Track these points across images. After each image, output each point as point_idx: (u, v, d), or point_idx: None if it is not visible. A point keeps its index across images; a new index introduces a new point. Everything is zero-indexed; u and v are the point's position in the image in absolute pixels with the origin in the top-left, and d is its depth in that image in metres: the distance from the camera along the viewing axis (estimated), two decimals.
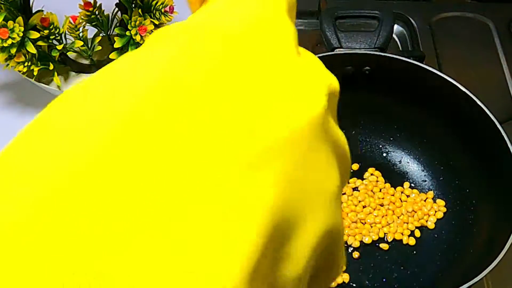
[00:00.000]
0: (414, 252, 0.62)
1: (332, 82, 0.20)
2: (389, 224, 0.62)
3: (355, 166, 0.66)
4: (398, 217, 0.63)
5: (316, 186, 0.18)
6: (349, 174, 0.22)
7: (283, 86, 0.18)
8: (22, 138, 0.18)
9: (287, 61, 0.18)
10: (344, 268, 0.17)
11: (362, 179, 0.66)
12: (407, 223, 0.63)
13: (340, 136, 0.20)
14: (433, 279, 0.59)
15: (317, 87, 0.18)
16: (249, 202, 0.16)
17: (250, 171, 0.16)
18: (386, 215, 0.63)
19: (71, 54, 0.68)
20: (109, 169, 0.15)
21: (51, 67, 0.63)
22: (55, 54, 0.63)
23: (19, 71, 0.62)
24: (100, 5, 0.66)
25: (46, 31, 0.62)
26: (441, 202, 0.64)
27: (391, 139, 0.68)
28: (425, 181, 0.66)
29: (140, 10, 0.62)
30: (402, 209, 0.64)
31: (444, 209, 0.63)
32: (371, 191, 0.65)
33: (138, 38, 0.62)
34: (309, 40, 0.78)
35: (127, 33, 0.63)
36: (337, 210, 0.19)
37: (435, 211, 0.63)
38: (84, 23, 0.65)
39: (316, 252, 0.18)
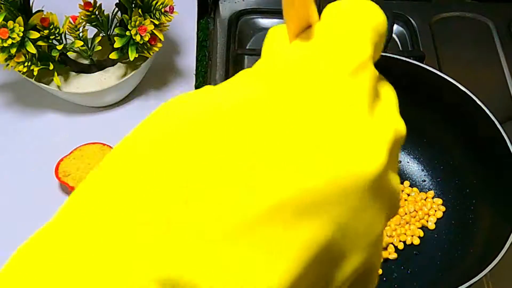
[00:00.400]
0: (414, 252, 0.62)
1: (399, 128, 0.21)
2: (393, 225, 0.62)
3: None
4: (401, 217, 0.63)
5: (361, 232, 0.19)
6: (395, 213, 0.22)
7: (347, 136, 0.18)
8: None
9: (357, 112, 0.19)
10: None
11: None
12: (409, 223, 0.63)
13: (395, 186, 0.21)
14: (433, 279, 0.59)
15: (381, 141, 0.19)
16: (294, 242, 0.17)
17: (300, 215, 0.17)
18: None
19: (71, 54, 0.68)
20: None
21: (51, 67, 0.63)
22: (55, 54, 0.63)
23: (19, 71, 0.62)
24: (100, 5, 0.66)
25: (46, 31, 0.62)
26: (439, 201, 0.64)
27: None
28: (425, 180, 0.66)
29: (140, 10, 0.62)
30: (405, 209, 0.64)
31: (443, 208, 0.63)
32: None
33: (138, 38, 0.62)
34: None
35: (127, 33, 0.63)
36: (377, 249, 0.21)
37: (435, 211, 0.63)
38: (84, 23, 0.65)
39: (351, 280, 0.20)
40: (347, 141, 0.18)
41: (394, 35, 0.82)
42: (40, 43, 0.62)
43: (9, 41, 0.58)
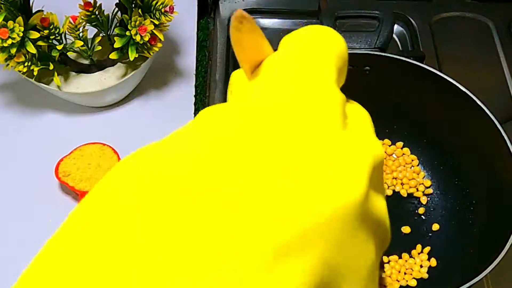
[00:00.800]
0: (420, 252, 0.62)
1: (377, 152, 0.20)
2: None
3: None
4: None
5: (351, 265, 0.18)
6: (388, 243, 0.21)
7: (322, 167, 0.17)
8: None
9: (329, 139, 0.18)
10: None
11: None
12: None
13: (381, 211, 0.20)
14: (434, 279, 0.59)
15: (359, 167, 0.18)
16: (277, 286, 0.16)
17: (283, 257, 0.16)
18: None
19: (71, 54, 0.68)
20: None
21: (51, 67, 0.63)
22: (55, 54, 0.63)
23: (19, 71, 0.62)
24: (100, 5, 0.66)
25: (46, 31, 0.62)
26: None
27: (391, 139, 0.68)
28: (425, 180, 0.66)
29: (140, 10, 0.62)
30: None
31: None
32: None
33: (138, 38, 0.62)
34: None
35: (127, 33, 0.63)
36: (372, 282, 0.20)
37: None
38: (84, 23, 0.65)
39: None
40: (323, 173, 0.17)
41: (394, 35, 0.82)
42: (40, 43, 0.62)
43: (9, 41, 0.58)
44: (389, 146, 0.68)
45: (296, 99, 0.18)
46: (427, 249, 0.61)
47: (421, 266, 0.60)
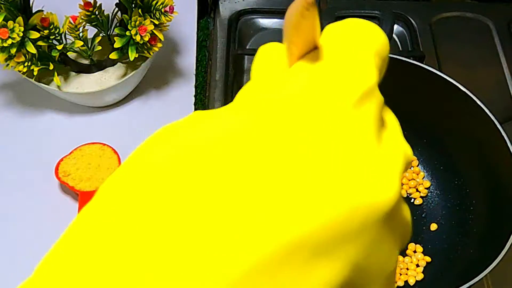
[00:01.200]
0: (415, 252, 0.62)
1: (407, 154, 0.20)
2: None
3: None
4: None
5: (378, 268, 0.18)
6: (407, 242, 0.21)
7: (359, 167, 0.17)
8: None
9: (367, 140, 0.18)
10: None
11: None
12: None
13: (406, 214, 0.20)
14: (433, 279, 0.59)
15: (393, 169, 0.18)
16: (310, 284, 0.16)
17: (317, 254, 0.16)
18: None
19: (71, 54, 0.68)
20: None
21: (51, 67, 0.63)
22: (55, 54, 0.63)
23: (19, 71, 0.62)
24: (100, 5, 0.66)
25: (46, 31, 0.62)
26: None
27: None
28: (425, 181, 0.66)
29: (140, 10, 0.62)
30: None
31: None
32: None
33: (138, 38, 0.62)
34: None
35: (127, 33, 0.63)
36: (391, 282, 0.20)
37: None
38: (84, 23, 0.65)
39: None
40: (360, 172, 0.17)
41: (394, 35, 0.82)
42: (40, 43, 0.62)
43: (9, 41, 0.58)
44: None
45: (338, 99, 0.18)
46: (426, 249, 0.61)
47: (417, 266, 0.60)
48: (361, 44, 0.20)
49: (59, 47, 0.63)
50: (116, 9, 0.67)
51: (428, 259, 0.60)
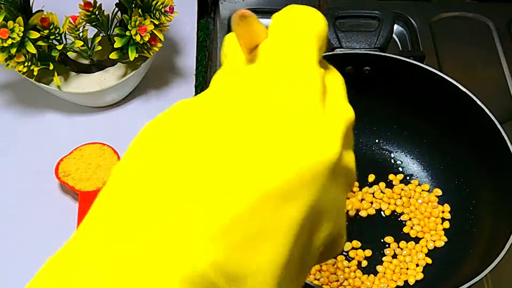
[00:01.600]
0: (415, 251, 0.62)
1: (349, 116, 0.25)
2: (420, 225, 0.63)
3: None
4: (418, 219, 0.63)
5: (329, 207, 0.23)
6: (353, 186, 0.27)
7: (305, 131, 0.22)
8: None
9: (311, 109, 0.22)
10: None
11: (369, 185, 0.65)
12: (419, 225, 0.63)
13: (350, 165, 0.25)
14: (433, 279, 0.59)
15: (334, 131, 0.23)
16: (280, 225, 0.21)
17: (281, 201, 0.21)
18: (419, 224, 0.63)
19: (71, 54, 0.68)
20: None
21: (51, 67, 0.63)
22: (55, 54, 0.63)
23: (19, 71, 0.62)
24: (100, 5, 0.66)
25: (46, 31, 0.62)
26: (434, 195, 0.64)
27: (391, 139, 0.68)
28: (425, 181, 0.66)
29: (140, 10, 0.62)
30: (422, 209, 0.64)
31: (448, 208, 0.63)
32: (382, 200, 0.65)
33: (138, 38, 0.62)
34: None
35: (127, 33, 0.63)
36: (342, 218, 0.25)
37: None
38: (84, 23, 0.65)
39: (324, 245, 0.24)
40: (307, 135, 0.22)
41: (394, 35, 0.82)
42: (40, 43, 0.62)
43: (9, 41, 0.58)
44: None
45: (283, 77, 0.23)
46: (426, 249, 0.61)
47: (417, 265, 0.60)
48: (302, 29, 0.24)
49: (59, 47, 0.63)
50: (116, 9, 0.67)
51: (429, 260, 0.60)
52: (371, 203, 0.64)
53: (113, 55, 0.65)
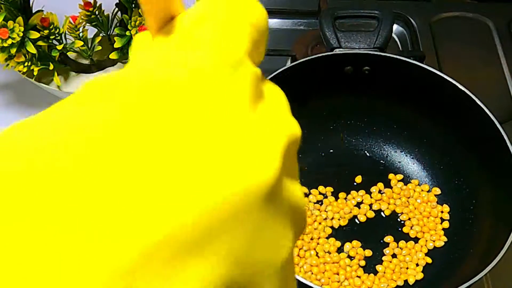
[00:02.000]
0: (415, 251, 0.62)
1: (292, 131, 0.17)
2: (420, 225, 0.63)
3: (358, 178, 0.66)
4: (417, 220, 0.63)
5: (266, 257, 0.16)
6: (303, 230, 0.19)
7: (225, 148, 0.15)
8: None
9: (235, 118, 0.15)
10: None
11: (369, 192, 0.65)
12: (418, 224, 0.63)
13: (296, 195, 0.17)
14: (433, 279, 0.59)
15: (271, 147, 0.16)
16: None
17: (182, 255, 0.13)
18: (419, 224, 0.63)
19: (71, 54, 0.68)
20: None
21: (51, 67, 0.63)
22: (55, 54, 0.63)
23: (19, 71, 0.62)
24: (100, 5, 0.66)
25: (46, 31, 0.62)
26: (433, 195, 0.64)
27: (391, 139, 0.68)
28: (425, 181, 0.66)
29: (140, 10, 0.62)
30: (421, 209, 0.64)
31: (448, 208, 0.63)
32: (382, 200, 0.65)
33: None
34: (308, 40, 0.78)
35: (127, 33, 0.63)
36: (289, 272, 0.17)
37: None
38: (84, 23, 0.65)
39: None
40: (228, 151, 0.15)
41: (394, 35, 0.82)
42: (40, 43, 0.62)
43: (9, 41, 0.58)
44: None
45: (199, 71, 0.16)
46: (426, 248, 0.61)
47: (417, 265, 0.60)
48: (232, 13, 0.18)
49: (59, 47, 0.63)
50: (116, 9, 0.67)
51: (429, 259, 0.60)
52: (370, 205, 0.64)
53: (113, 55, 0.65)
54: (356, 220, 0.63)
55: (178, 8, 0.18)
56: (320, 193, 0.65)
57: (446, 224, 0.62)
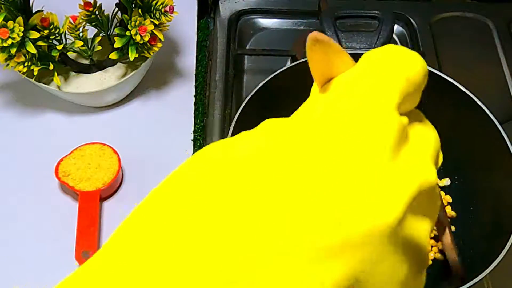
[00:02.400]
0: None
1: (426, 178, 0.21)
2: None
3: None
4: None
5: (384, 279, 0.20)
6: (426, 265, 0.23)
7: (364, 189, 0.19)
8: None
9: (377, 165, 0.19)
10: None
11: None
12: None
13: (420, 235, 0.21)
14: (433, 279, 0.59)
15: (399, 193, 0.19)
16: (327, 277, 0.18)
17: (318, 263, 0.18)
18: None
19: (71, 54, 0.68)
20: None
21: (51, 67, 0.63)
22: (55, 54, 0.63)
23: (19, 71, 0.62)
24: (100, 5, 0.66)
25: (46, 31, 0.62)
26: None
27: None
28: None
29: (140, 10, 0.62)
30: None
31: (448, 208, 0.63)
32: None
33: (138, 38, 0.62)
34: None
35: (127, 33, 0.63)
36: None
37: None
38: (84, 23, 0.65)
39: None
40: (364, 195, 0.19)
41: (394, 35, 0.82)
42: (40, 43, 0.62)
43: (9, 41, 0.58)
44: None
45: (351, 120, 0.20)
46: None
47: None
48: (389, 69, 0.21)
49: (59, 47, 0.63)
50: (116, 9, 0.67)
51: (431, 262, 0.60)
52: None
53: (113, 55, 0.65)
54: None
55: (341, 69, 0.22)
56: None
57: None
